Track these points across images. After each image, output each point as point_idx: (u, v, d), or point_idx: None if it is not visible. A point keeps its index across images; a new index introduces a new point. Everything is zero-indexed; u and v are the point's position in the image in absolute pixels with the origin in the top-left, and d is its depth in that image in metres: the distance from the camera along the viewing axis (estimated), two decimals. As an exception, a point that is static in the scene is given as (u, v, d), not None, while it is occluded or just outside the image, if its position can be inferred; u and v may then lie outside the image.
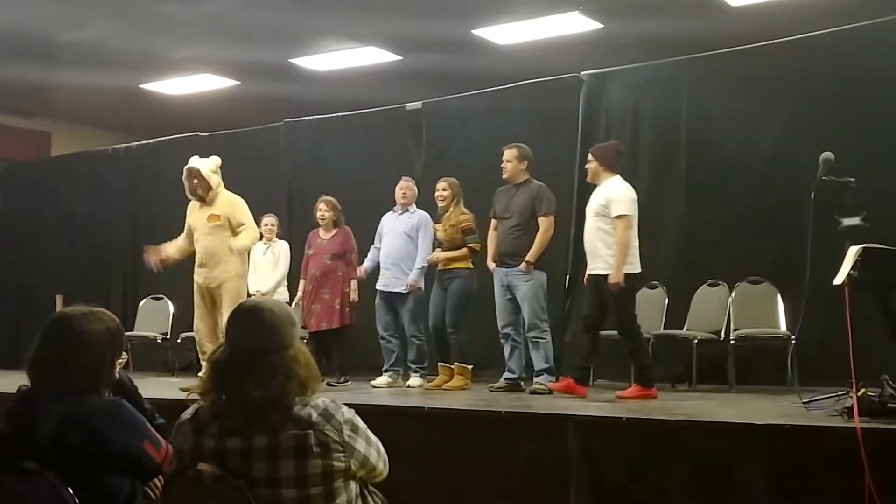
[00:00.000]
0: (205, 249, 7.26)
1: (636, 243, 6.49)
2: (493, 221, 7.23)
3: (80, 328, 2.94)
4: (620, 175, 6.62)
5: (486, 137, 8.64)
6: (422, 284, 7.71)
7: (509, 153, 7.13)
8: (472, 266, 7.41)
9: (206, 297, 7.27)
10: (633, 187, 8.32)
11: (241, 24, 9.59)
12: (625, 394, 6.36)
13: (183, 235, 7.47)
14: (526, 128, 7.99)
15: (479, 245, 7.37)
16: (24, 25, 9.47)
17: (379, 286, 7.79)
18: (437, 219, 7.62)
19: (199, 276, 7.30)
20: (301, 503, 2.53)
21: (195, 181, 7.27)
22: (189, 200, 7.45)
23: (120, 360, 3.13)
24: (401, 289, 7.71)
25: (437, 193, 7.53)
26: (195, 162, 7.32)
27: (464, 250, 7.38)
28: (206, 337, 7.22)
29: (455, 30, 9.49)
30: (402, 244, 7.71)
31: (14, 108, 12.69)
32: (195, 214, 7.36)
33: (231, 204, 7.32)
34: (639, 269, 6.52)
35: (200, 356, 7.26)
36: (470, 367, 7.35)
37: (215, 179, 7.29)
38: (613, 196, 6.43)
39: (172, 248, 7.46)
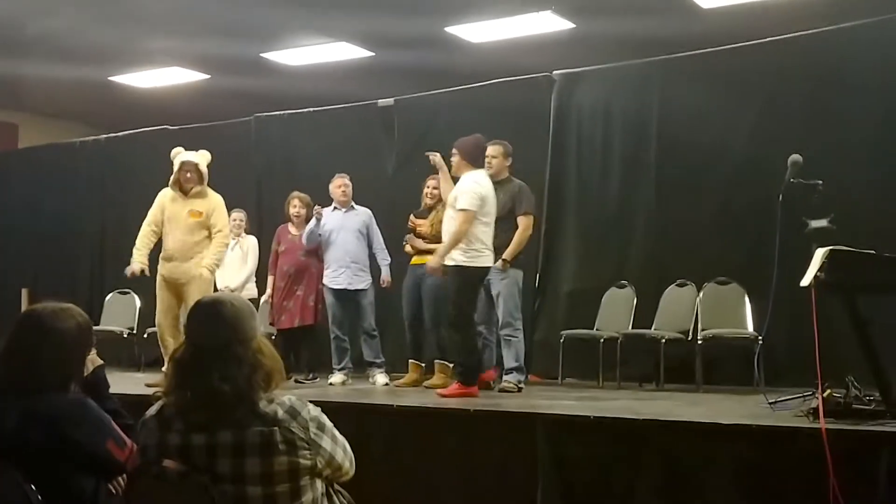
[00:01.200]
0: (180, 243, 7.15)
1: (486, 238, 6.47)
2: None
3: (51, 325, 2.93)
4: (483, 170, 6.65)
5: (458, 135, 8.53)
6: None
7: (494, 149, 7.09)
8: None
9: (171, 290, 7.17)
10: (604, 186, 8.41)
11: (212, 18, 9.52)
12: (444, 392, 6.33)
13: (149, 226, 7.28)
14: (497, 126, 7.96)
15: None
16: (-9, 15, 9.37)
17: (335, 285, 7.71)
18: (419, 214, 7.60)
19: (165, 270, 7.19)
20: (267, 501, 2.51)
21: (188, 174, 7.18)
22: (160, 189, 7.35)
23: (92, 357, 3.11)
24: (363, 286, 7.70)
25: (427, 191, 7.50)
26: (191, 156, 7.24)
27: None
28: (168, 331, 7.13)
29: (428, 27, 9.48)
30: (357, 242, 7.74)
31: (-20, 99, 12.55)
32: (172, 206, 7.21)
33: (216, 205, 7.28)
34: (485, 265, 6.50)
35: (163, 350, 7.19)
36: (452, 364, 7.32)
37: (206, 176, 7.24)
38: (461, 189, 6.47)
39: (143, 254, 7.26)
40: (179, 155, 7.28)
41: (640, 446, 4.79)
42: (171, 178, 7.26)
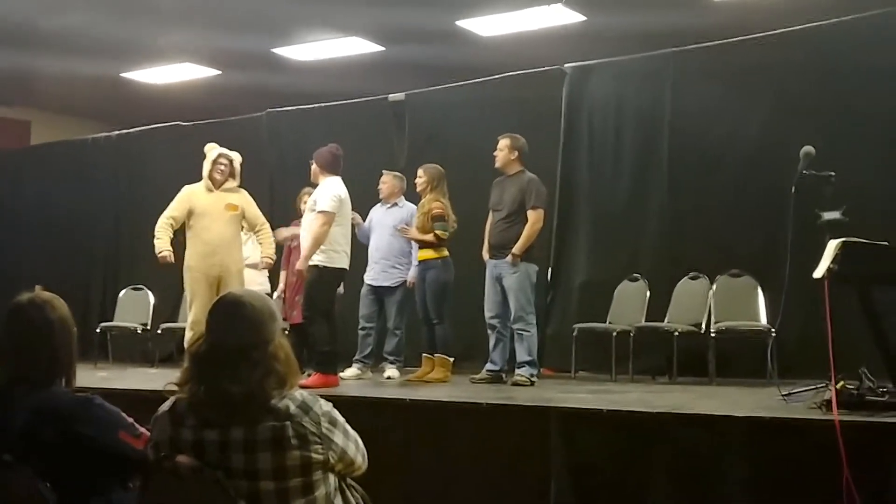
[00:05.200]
0: (219, 237, 7.15)
1: (345, 241, 6.90)
2: (490, 214, 7.22)
3: (42, 316, 2.92)
4: (341, 177, 6.92)
5: (470, 129, 8.63)
6: None
7: (502, 142, 7.12)
8: (446, 255, 7.32)
9: (212, 286, 7.06)
10: (616, 180, 8.39)
11: (224, 13, 9.55)
12: (305, 382, 6.32)
13: (168, 218, 7.19)
14: (509, 120, 7.96)
15: (447, 233, 7.24)
16: (3, 11, 9.40)
17: (367, 279, 7.77)
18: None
19: (206, 265, 7.11)
20: (279, 495, 2.52)
21: (222, 167, 7.23)
22: (173, 184, 7.38)
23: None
24: (389, 283, 7.69)
25: (415, 182, 7.52)
26: (226, 151, 7.33)
27: (431, 236, 7.24)
28: None
29: (439, 21, 9.48)
30: (391, 238, 7.67)
31: (-7, 95, 12.61)
32: (205, 200, 7.20)
33: (249, 200, 7.39)
34: (341, 266, 6.87)
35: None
36: (451, 359, 7.33)
37: (238, 175, 7.35)
38: (320, 193, 6.84)
39: (166, 242, 7.18)
40: (215, 149, 7.31)
41: (653, 439, 4.78)
42: (206, 171, 7.25)
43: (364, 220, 7.82)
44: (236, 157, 7.35)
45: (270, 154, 10.32)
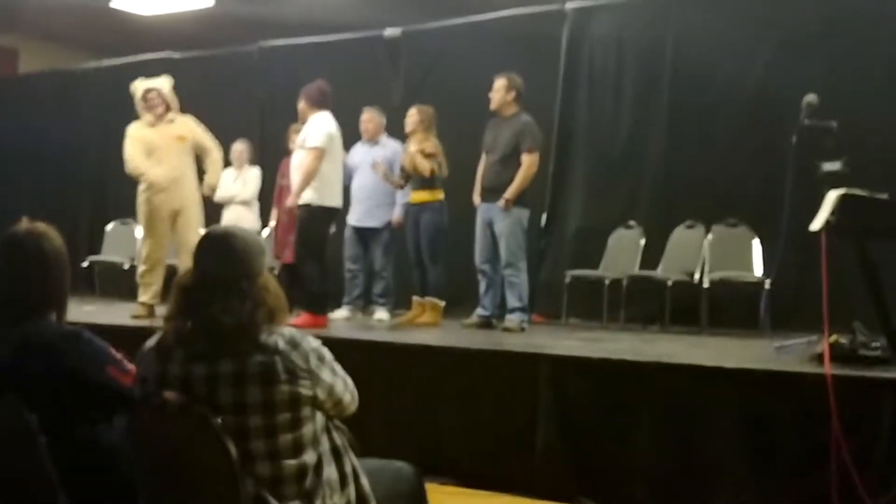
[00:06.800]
0: (173, 170, 7.07)
1: (336, 179, 6.84)
2: (483, 155, 7.11)
3: (42, 247, 2.87)
4: (330, 112, 6.84)
5: (468, 67, 8.46)
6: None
7: (498, 82, 6.95)
8: (441, 197, 7.22)
9: (167, 221, 7.06)
10: (615, 124, 8.27)
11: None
12: (294, 322, 6.26)
13: (138, 155, 7.14)
14: (509, 58, 7.81)
15: (437, 171, 7.08)
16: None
17: (351, 221, 7.66)
18: None
19: (159, 201, 7.05)
20: (267, 431, 2.49)
21: (154, 100, 7.11)
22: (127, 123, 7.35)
23: None
24: (375, 224, 7.60)
25: (406, 120, 7.36)
26: (151, 81, 7.19)
27: (425, 165, 7.03)
28: (162, 263, 7.11)
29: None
30: (375, 178, 7.54)
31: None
32: (153, 134, 7.13)
33: (193, 126, 7.26)
34: (332, 204, 6.80)
35: (144, 281, 7.14)
36: (442, 303, 7.29)
37: (175, 100, 7.19)
38: (309, 129, 6.75)
39: (141, 162, 7.14)
40: (140, 86, 7.23)
41: (642, 388, 4.77)
42: (139, 110, 7.21)
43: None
44: (163, 85, 7.19)
45: (262, 88, 10.17)
